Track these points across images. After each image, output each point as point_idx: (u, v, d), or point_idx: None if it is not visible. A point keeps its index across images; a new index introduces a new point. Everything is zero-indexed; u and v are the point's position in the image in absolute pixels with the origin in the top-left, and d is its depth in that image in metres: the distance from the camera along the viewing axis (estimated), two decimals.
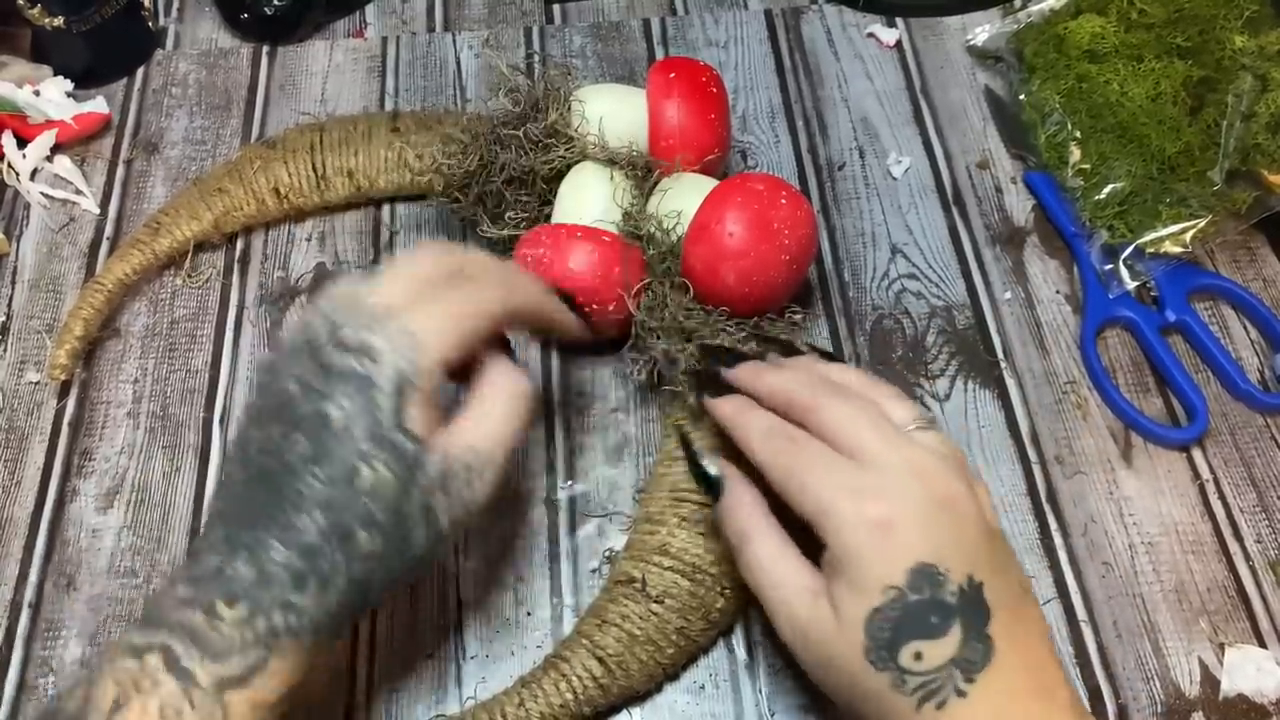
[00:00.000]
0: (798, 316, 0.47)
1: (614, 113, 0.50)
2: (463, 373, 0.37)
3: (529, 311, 0.40)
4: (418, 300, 0.35)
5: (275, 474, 0.33)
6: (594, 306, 0.45)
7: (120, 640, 0.32)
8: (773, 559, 0.37)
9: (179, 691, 0.31)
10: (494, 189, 0.50)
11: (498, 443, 0.36)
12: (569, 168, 0.49)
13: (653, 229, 0.47)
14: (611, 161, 0.49)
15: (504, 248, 0.52)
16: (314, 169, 0.54)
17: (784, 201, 0.45)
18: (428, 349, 0.34)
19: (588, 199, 0.48)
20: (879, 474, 0.34)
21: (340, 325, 0.34)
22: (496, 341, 0.39)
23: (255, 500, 0.33)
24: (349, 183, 0.54)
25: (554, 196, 0.50)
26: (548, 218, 0.50)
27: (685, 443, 0.43)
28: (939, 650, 0.33)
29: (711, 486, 0.40)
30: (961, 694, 0.32)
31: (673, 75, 0.50)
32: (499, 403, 0.37)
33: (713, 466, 0.41)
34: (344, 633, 0.35)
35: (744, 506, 0.38)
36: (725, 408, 0.41)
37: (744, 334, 0.45)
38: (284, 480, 0.33)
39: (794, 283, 0.47)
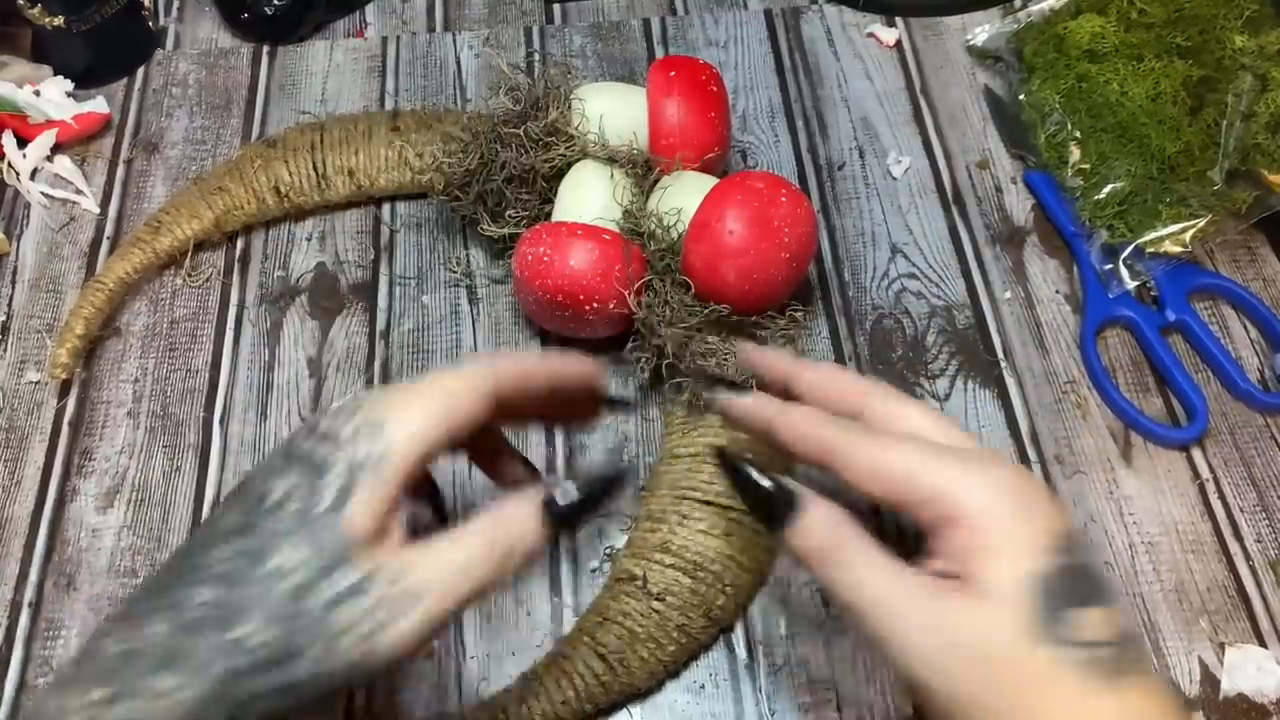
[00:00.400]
0: (799, 313, 0.47)
1: (614, 111, 0.50)
2: None
3: (524, 376, 0.33)
4: (394, 399, 0.31)
5: (193, 548, 0.30)
6: (594, 304, 0.45)
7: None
8: (874, 568, 0.31)
9: None
10: (494, 187, 0.50)
11: (440, 582, 0.29)
12: (569, 166, 0.49)
13: (653, 226, 0.47)
14: (611, 160, 0.49)
15: (504, 245, 0.52)
16: (314, 168, 0.54)
17: (784, 199, 0.45)
18: (394, 439, 0.30)
19: (588, 197, 0.48)
20: (971, 455, 0.31)
21: (320, 418, 0.31)
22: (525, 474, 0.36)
23: (165, 575, 0.30)
24: (349, 181, 0.54)
25: (554, 195, 0.50)
26: (548, 216, 0.50)
27: (729, 460, 0.34)
28: (1106, 618, 0.29)
29: (777, 506, 0.32)
30: (1144, 670, 0.29)
31: (673, 74, 0.50)
32: (469, 537, 0.31)
33: (769, 481, 0.32)
34: None
35: (830, 523, 0.32)
36: (747, 403, 0.35)
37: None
38: (197, 552, 0.29)
39: (794, 280, 0.47)
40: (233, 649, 0.27)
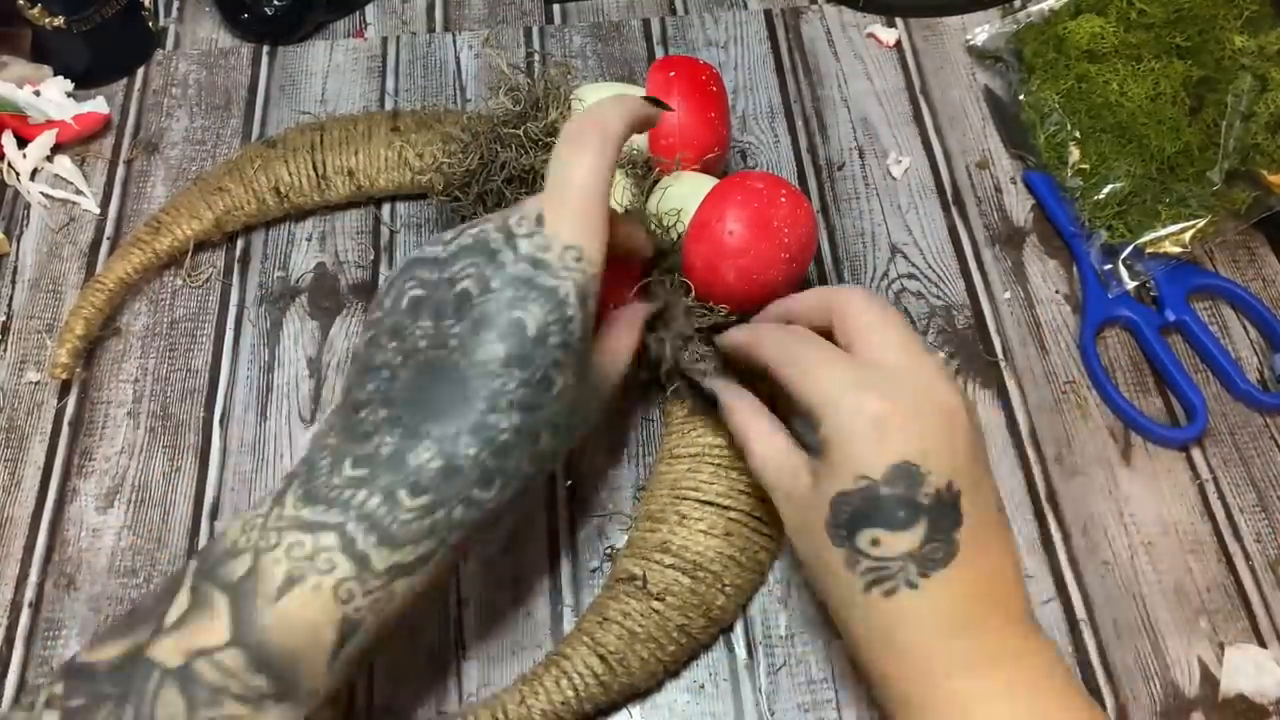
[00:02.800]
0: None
1: None
2: None
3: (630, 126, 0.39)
4: (564, 210, 0.35)
5: (459, 370, 0.33)
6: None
7: (285, 512, 0.32)
8: (766, 438, 0.40)
9: (353, 574, 0.31)
10: (494, 188, 0.50)
11: (616, 367, 0.40)
12: None
13: (653, 227, 0.47)
14: (632, 159, 0.49)
15: None
16: (314, 168, 0.54)
17: (784, 200, 0.45)
18: (594, 260, 0.35)
19: None
20: (888, 375, 0.36)
21: (515, 234, 0.35)
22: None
23: (435, 391, 0.33)
24: (349, 182, 0.54)
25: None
26: None
27: (685, 377, 0.45)
28: (898, 542, 0.34)
29: (711, 399, 0.44)
30: (912, 585, 0.34)
31: (672, 74, 0.50)
32: (625, 342, 0.41)
33: (706, 383, 0.44)
34: (495, 526, 0.36)
35: (741, 406, 0.42)
36: (733, 332, 0.44)
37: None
38: (474, 377, 0.33)
39: (794, 281, 0.47)
40: (537, 458, 0.34)
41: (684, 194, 0.47)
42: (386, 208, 0.57)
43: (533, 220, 0.35)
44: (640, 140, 0.50)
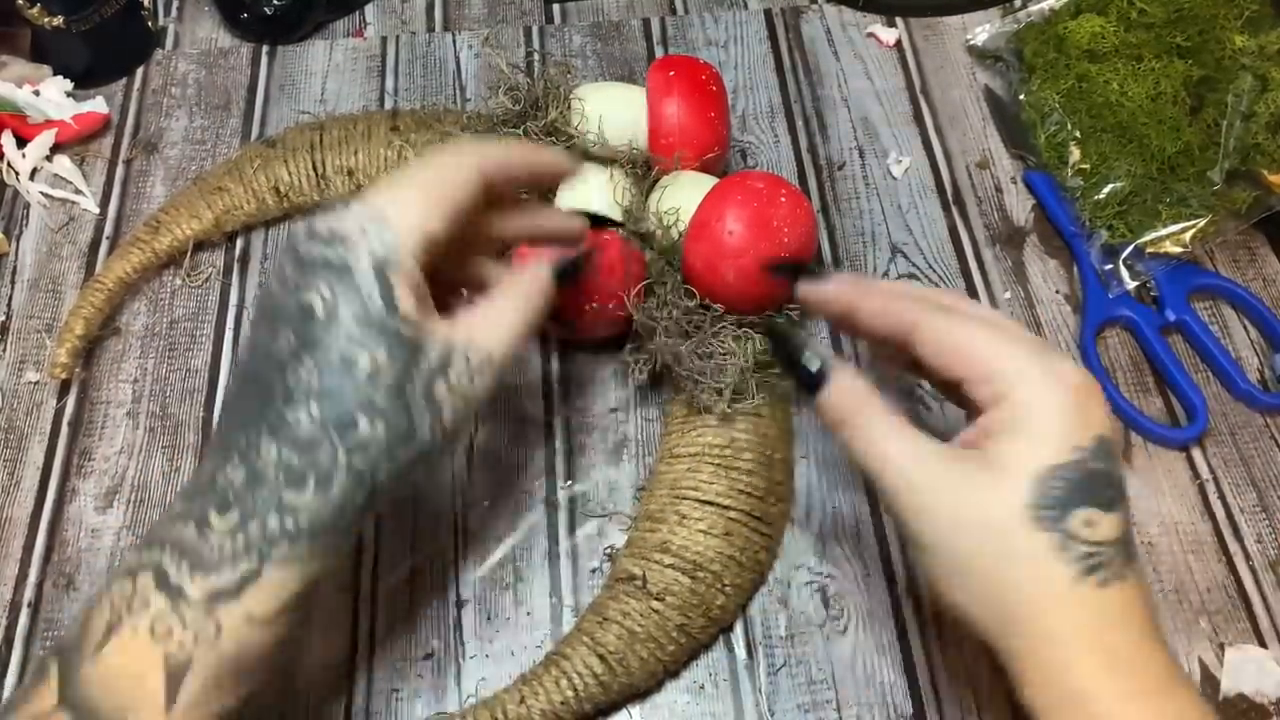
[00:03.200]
0: (796, 314, 0.47)
1: (613, 111, 0.50)
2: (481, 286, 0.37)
3: (508, 162, 0.36)
4: (386, 187, 0.33)
5: (264, 373, 0.32)
6: (594, 304, 0.45)
7: (119, 563, 0.31)
8: (896, 431, 0.33)
9: (167, 609, 0.29)
10: None
11: (501, 338, 0.34)
12: None
13: (652, 226, 0.47)
14: (611, 160, 0.49)
15: (504, 246, 0.52)
16: (314, 168, 0.54)
17: (784, 199, 0.45)
18: (401, 227, 0.32)
19: (587, 197, 0.48)
20: (1040, 349, 0.33)
21: (313, 220, 0.33)
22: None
23: (247, 402, 0.32)
24: (349, 181, 0.54)
25: (554, 195, 0.50)
26: None
27: (779, 335, 0.38)
28: (1110, 524, 0.31)
29: (812, 375, 0.35)
30: (1123, 577, 0.30)
31: (672, 73, 0.50)
32: (507, 298, 0.36)
33: (814, 359, 0.35)
34: (347, 538, 0.33)
35: (855, 389, 0.34)
36: (829, 288, 0.37)
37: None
38: (273, 377, 0.31)
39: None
40: (359, 447, 0.31)
41: (684, 194, 0.47)
42: None
43: (340, 205, 0.33)
44: (640, 139, 0.50)
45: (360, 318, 0.31)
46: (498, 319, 0.35)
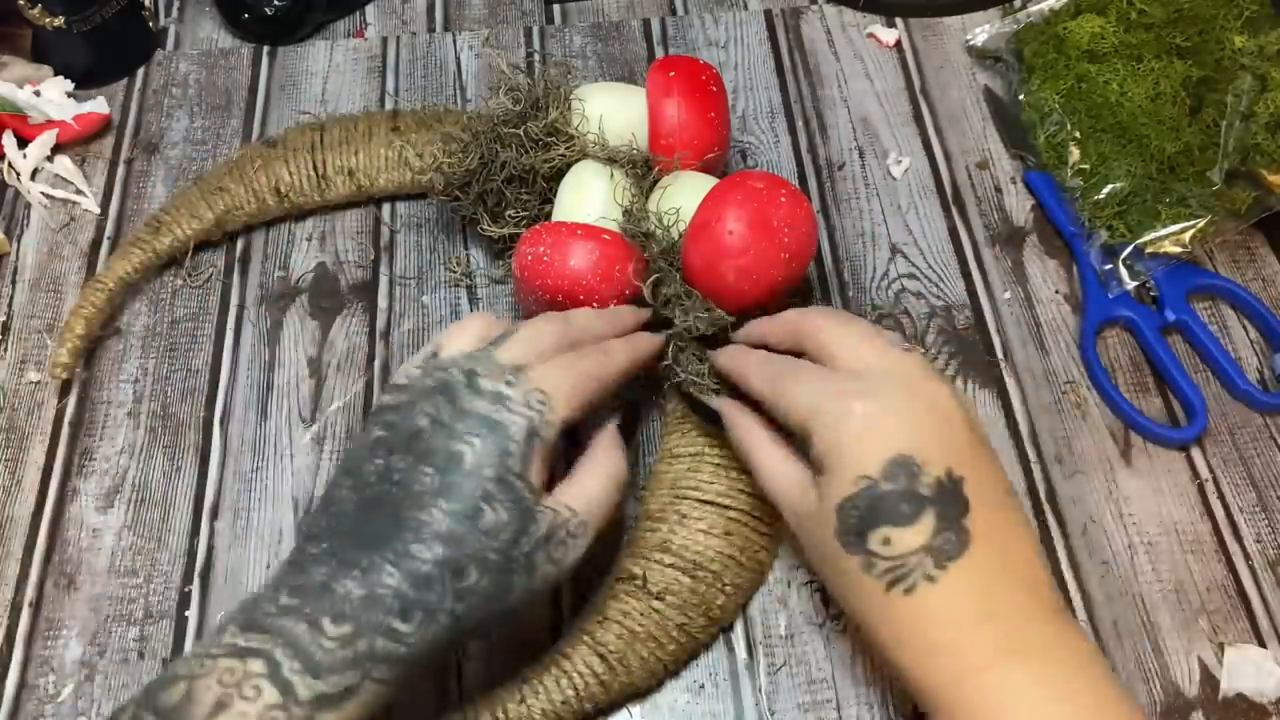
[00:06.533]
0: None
1: (614, 111, 0.50)
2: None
3: (645, 360, 0.43)
4: (548, 362, 0.38)
5: (396, 501, 0.34)
6: (594, 305, 0.45)
7: (222, 639, 0.32)
8: (772, 460, 0.40)
9: (279, 702, 0.31)
10: (494, 187, 0.50)
11: (595, 513, 0.38)
12: (569, 166, 0.49)
13: (652, 226, 0.47)
14: (611, 160, 0.49)
15: (504, 245, 0.52)
16: (314, 168, 0.54)
17: (784, 200, 0.45)
18: (556, 406, 0.36)
19: (588, 197, 0.48)
20: (868, 379, 0.37)
21: (477, 374, 0.37)
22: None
23: (371, 524, 0.34)
24: (349, 181, 0.54)
25: (554, 195, 0.50)
26: (548, 216, 0.50)
27: (687, 396, 0.45)
28: (908, 537, 0.34)
29: (714, 417, 0.43)
30: (931, 579, 0.34)
31: (672, 74, 0.50)
32: (599, 479, 0.39)
33: (712, 403, 0.44)
34: (429, 671, 0.36)
35: (742, 425, 0.41)
36: (723, 357, 0.44)
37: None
38: (406, 508, 0.34)
39: (793, 281, 0.47)
40: (463, 595, 0.34)
41: (684, 194, 0.47)
42: (386, 208, 0.57)
43: (508, 370, 0.37)
44: (640, 139, 0.50)
45: (500, 475, 0.35)
46: (595, 496, 0.38)
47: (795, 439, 0.39)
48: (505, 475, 0.35)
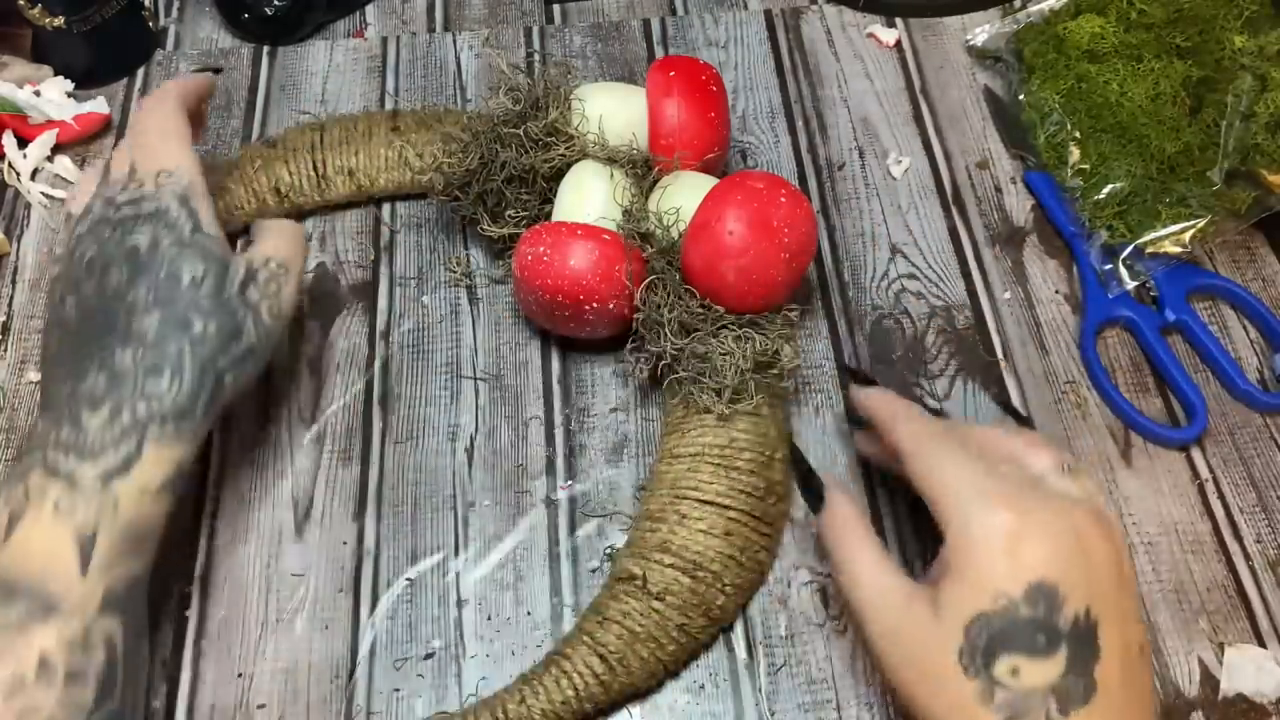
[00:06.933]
0: (794, 314, 0.48)
1: (613, 111, 0.50)
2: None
3: (184, 89, 0.45)
4: (149, 153, 0.42)
5: (104, 305, 0.38)
6: (594, 304, 0.45)
7: (2, 479, 0.36)
8: (873, 568, 0.36)
9: (67, 490, 0.35)
10: (494, 187, 0.50)
11: (289, 256, 0.43)
12: (569, 166, 0.49)
13: (652, 226, 0.47)
14: (611, 160, 0.49)
15: (504, 245, 0.52)
16: (314, 168, 0.54)
17: (784, 200, 0.45)
18: (184, 169, 0.41)
19: (587, 197, 0.48)
20: (1018, 487, 0.34)
21: (107, 199, 0.41)
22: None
23: (91, 330, 0.38)
24: (349, 181, 0.54)
25: (554, 195, 0.50)
26: (548, 216, 0.50)
27: (797, 455, 0.42)
28: (1039, 672, 0.31)
29: (815, 496, 0.39)
30: (1065, 714, 0.31)
31: (672, 73, 0.50)
32: (276, 232, 0.44)
33: (819, 483, 0.40)
34: (205, 424, 0.39)
35: (845, 515, 0.38)
36: (870, 398, 0.42)
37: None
38: (113, 304, 0.38)
39: (793, 281, 0.47)
40: (198, 341, 0.38)
41: (684, 194, 0.47)
42: (386, 208, 0.57)
43: (125, 178, 0.41)
44: (641, 139, 0.50)
45: (177, 241, 0.39)
46: (275, 239, 0.43)
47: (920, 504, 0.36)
48: (182, 237, 0.39)
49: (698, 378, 0.45)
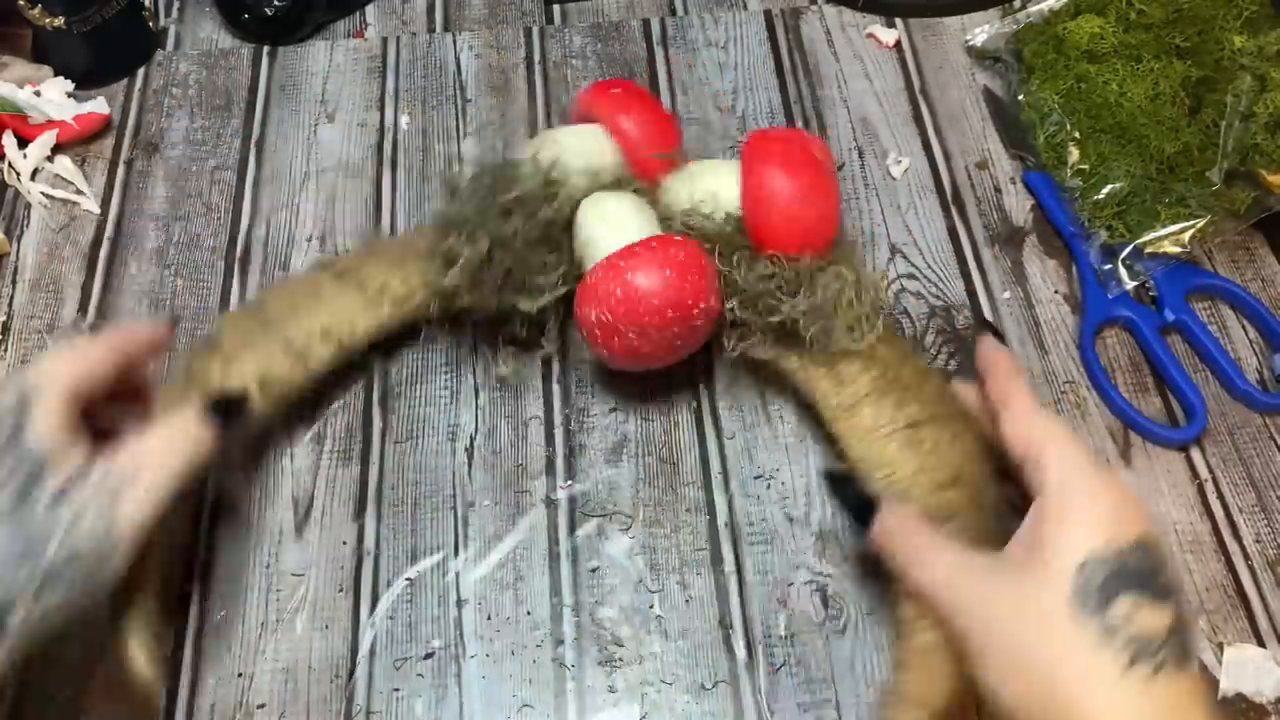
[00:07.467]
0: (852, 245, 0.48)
1: (575, 150, 0.48)
2: None
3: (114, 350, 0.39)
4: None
5: None
6: (701, 307, 0.43)
7: None
8: (944, 549, 0.36)
9: None
10: (513, 257, 0.45)
11: (156, 460, 0.36)
12: (574, 209, 0.47)
13: (700, 220, 0.47)
14: (616, 184, 0.48)
15: (539, 318, 0.48)
16: (283, 346, 0.46)
17: (805, 139, 0.47)
18: (42, 371, 0.36)
19: (620, 221, 0.46)
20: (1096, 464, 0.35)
21: None
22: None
23: None
24: (328, 341, 0.47)
25: (573, 245, 0.47)
26: (578, 266, 0.47)
27: (837, 477, 0.42)
28: (1156, 617, 0.31)
29: (864, 508, 0.39)
30: (1175, 672, 0.30)
31: (615, 90, 0.50)
32: (161, 434, 0.37)
33: (866, 496, 0.40)
34: (39, 639, 0.34)
35: (902, 517, 0.38)
36: (1002, 358, 0.41)
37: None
38: None
39: (837, 205, 0.48)
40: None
41: (706, 181, 0.48)
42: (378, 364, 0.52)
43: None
44: (606, 172, 0.48)
45: None
46: (149, 445, 0.37)
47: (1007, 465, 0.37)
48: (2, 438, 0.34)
49: (825, 321, 0.44)
